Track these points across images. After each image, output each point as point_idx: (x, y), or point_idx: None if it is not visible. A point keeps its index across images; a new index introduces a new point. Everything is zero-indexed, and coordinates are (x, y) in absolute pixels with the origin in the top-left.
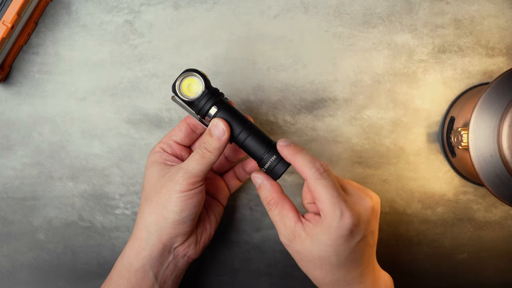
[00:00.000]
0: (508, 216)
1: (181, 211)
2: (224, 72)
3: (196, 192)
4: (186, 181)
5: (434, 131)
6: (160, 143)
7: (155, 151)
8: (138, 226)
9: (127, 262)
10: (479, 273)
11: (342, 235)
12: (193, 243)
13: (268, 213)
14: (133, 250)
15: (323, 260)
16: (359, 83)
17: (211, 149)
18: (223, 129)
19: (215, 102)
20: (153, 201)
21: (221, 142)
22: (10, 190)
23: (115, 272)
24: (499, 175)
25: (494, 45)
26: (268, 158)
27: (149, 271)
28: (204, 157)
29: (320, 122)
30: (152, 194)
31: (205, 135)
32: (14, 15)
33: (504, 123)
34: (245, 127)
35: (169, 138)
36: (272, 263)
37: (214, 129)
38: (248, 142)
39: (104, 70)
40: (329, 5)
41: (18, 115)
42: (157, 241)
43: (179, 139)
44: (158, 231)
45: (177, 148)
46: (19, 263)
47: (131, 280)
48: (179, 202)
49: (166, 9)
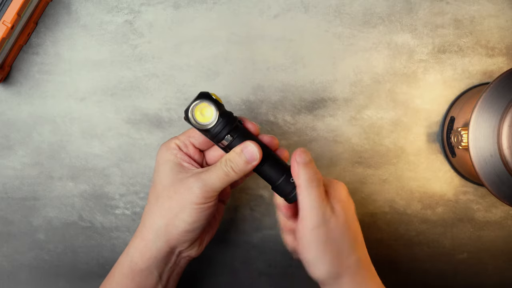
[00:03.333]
0: (508, 216)
1: (193, 222)
2: (224, 72)
3: (210, 205)
4: (203, 194)
5: (434, 131)
6: (177, 139)
7: (170, 147)
8: (145, 226)
9: (132, 261)
10: (479, 273)
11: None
12: (197, 245)
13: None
14: (138, 250)
15: (350, 228)
16: (359, 83)
17: (238, 170)
18: (256, 155)
19: (232, 129)
20: (164, 205)
21: (250, 166)
22: (10, 190)
23: (118, 270)
24: (499, 175)
25: (494, 45)
26: (284, 184)
27: (154, 271)
28: (228, 175)
29: (320, 122)
30: (164, 196)
31: (235, 154)
32: (14, 15)
33: (504, 123)
34: (264, 153)
35: (187, 137)
36: (272, 263)
37: (247, 152)
38: (265, 168)
39: (104, 70)
40: (329, 5)
41: (18, 115)
42: (165, 244)
43: (197, 143)
44: (167, 236)
45: (192, 151)
46: (19, 263)
47: (135, 279)
48: (193, 213)
49: (166, 9)
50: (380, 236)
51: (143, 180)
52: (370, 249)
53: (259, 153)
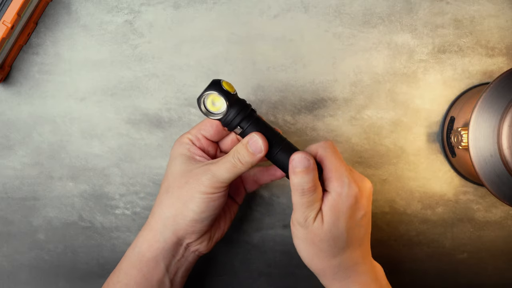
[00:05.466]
0: (508, 216)
1: (201, 212)
2: (224, 72)
3: (219, 196)
4: (212, 184)
5: (434, 131)
6: (189, 133)
7: (183, 141)
8: (154, 216)
9: (139, 252)
10: (479, 273)
11: (350, 204)
12: (206, 239)
13: (300, 197)
14: (146, 241)
15: (334, 237)
16: (359, 83)
17: (244, 162)
18: (260, 147)
19: (244, 118)
20: (174, 195)
21: (255, 158)
22: (10, 190)
23: (125, 261)
24: (499, 175)
25: (494, 45)
26: None
27: (161, 262)
28: (235, 167)
29: (320, 122)
30: (174, 187)
31: (241, 146)
32: (14, 15)
33: (504, 123)
34: (275, 141)
35: (198, 131)
36: (272, 263)
37: (252, 144)
38: (279, 156)
39: (104, 70)
40: (329, 5)
41: (18, 115)
42: (172, 235)
43: (209, 135)
44: (175, 226)
45: (205, 143)
46: (19, 263)
47: (142, 269)
48: (201, 202)
49: (166, 9)
50: (380, 236)
51: (143, 180)
52: (370, 249)
53: (264, 145)
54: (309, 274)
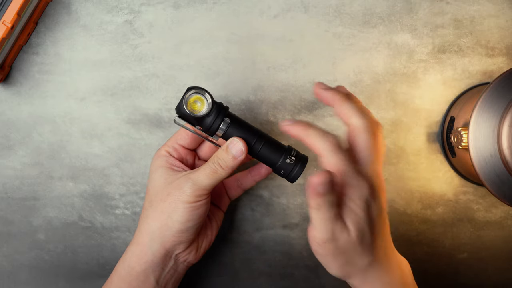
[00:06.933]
0: (508, 216)
1: (186, 221)
2: (224, 72)
3: (202, 204)
4: (194, 193)
5: (434, 131)
6: (166, 146)
7: (161, 154)
8: (141, 231)
9: (129, 266)
10: (479, 273)
11: (367, 194)
12: (194, 249)
13: (324, 212)
14: (135, 255)
15: (361, 237)
16: (359, 83)
17: (225, 166)
18: (241, 149)
19: (224, 117)
20: (158, 208)
21: (236, 161)
22: (10, 190)
23: (116, 275)
24: (499, 175)
25: (494, 45)
26: (284, 164)
27: (151, 275)
28: (215, 172)
29: (320, 122)
30: (157, 200)
31: (221, 151)
32: (14, 15)
33: (504, 123)
34: (257, 138)
35: (174, 141)
36: (272, 263)
37: (232, 147)
38: (263, 151)
39: (104, 70)
40: (329, 5)
41: (18, 115)
42: (160, 247)
43: (185, 143)
44: (162, 238)
45: (183, 152)
46: (19, 263)
47: (132, 283)
48: (185, 212)
49: (166, 9)
50: None
51: (143, 180)
52: None
53: (245, 147)
54: (309, 274)
